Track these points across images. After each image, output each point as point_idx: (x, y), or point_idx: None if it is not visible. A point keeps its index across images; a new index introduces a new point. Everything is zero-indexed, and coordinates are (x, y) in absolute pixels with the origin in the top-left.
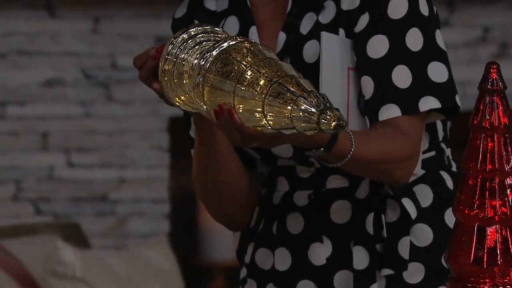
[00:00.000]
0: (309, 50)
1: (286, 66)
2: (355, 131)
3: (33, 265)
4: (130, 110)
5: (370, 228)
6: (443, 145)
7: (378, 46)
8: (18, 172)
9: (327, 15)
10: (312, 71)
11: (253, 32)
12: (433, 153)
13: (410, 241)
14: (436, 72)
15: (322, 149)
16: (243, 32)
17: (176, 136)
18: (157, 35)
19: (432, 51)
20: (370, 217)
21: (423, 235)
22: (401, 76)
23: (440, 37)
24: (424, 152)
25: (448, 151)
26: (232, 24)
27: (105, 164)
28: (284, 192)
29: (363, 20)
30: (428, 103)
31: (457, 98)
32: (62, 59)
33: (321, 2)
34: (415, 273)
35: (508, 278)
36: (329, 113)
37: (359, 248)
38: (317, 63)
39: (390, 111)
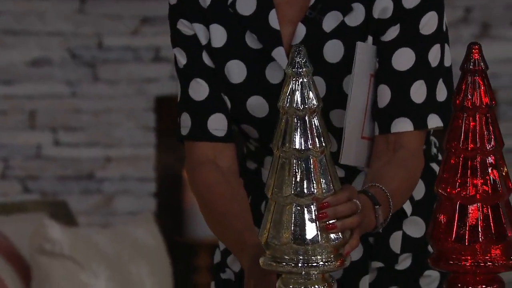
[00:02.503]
0: (330, 50)
1: None
2: (383, 181)
3: (21, 242)
4: (116, 90)
5: None
6: (431, 137)
7: (404, 59)
8: (5, 150)
9: (355, 18)
10: (332, 72)
11: (273, 16)
12: (424, 147)
13: (403, 232)
14: (441, 90)
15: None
16: (262, 13)
17: (162, 115)
18: (143, 16)
19: (441, 68)
20: None
21: (416, 227)
22: (418, 91)
23: (448, 53)
24: None
25: (434, 140)
26: (248, 2)
27: (92, 143)
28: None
29: (393, 31)
30: (434, 120)
31: None
32: (48, 39)
33: (349, 3)
34: (403, 260)
35: (489, 255)
36: None
37: None
38: (339, 65)
39: (403, 125)
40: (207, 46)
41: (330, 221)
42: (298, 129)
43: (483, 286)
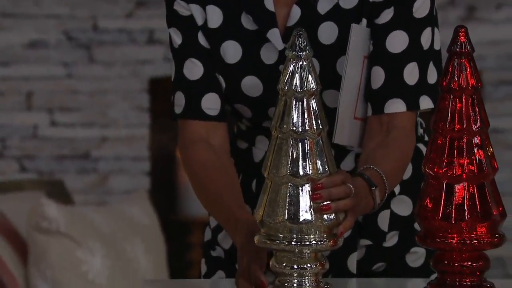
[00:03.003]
0: (325, 32)
1: None
2: (377, 163)
3: (18, 220)
4: (111, 71)
5: None
6: (418, 118)
7: (397, 41)
8: (3, 130)
9: (349, 0)
10: (326, 53)
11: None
12: None
13: (391, 210)
14: (432, 72)
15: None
16: None
17: (156, 96)
18: None
19: (432, 51)
20: None
21: (403, 205)
22: (411, 73)
23: (438, 36)
24: None
25: (420, 121)
26: None
27: (87, 123)
28: (265, 151)
29: (387, 14)
30: (426, 102)
31: None
32: (45, 22)
33: None
34: (391, 237)
35: (475, 233)
36: None
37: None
38: (334, 47)
39: (396, 106)
40: (203, 27)
41: (325, 202)
42: (296, 111)
43: (469, 263)
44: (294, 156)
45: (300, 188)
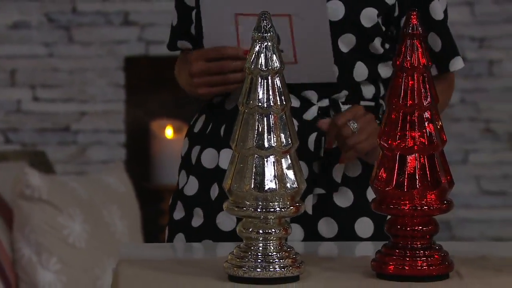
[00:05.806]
0: None
1: None
2: None
3: (4, 189)
4: (89, 51)
5: (311, 146)
6: (381, 101)
7: (438, 10)
8: None
9: None
10: None
11: None
12: (372, 103)
13: (345, 167)
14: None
15: None
16: None
17: (131, 74)
18: None
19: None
20: (313, 136)
21: (354, 167)
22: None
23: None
24: (366, 100)
25: (384, 105)
26: None
27: (67, 98)
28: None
29: None
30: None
31: None
32: (27, 4)
33: None
34: (344, 197)
35: (425, 200)
36: None
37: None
38: None
39: (458, 62)
40: None
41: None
42: (262, 88)
43: (420, 228)
44: (260, 130)
45: (265, 159)
